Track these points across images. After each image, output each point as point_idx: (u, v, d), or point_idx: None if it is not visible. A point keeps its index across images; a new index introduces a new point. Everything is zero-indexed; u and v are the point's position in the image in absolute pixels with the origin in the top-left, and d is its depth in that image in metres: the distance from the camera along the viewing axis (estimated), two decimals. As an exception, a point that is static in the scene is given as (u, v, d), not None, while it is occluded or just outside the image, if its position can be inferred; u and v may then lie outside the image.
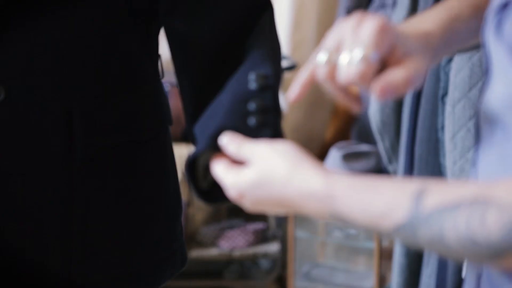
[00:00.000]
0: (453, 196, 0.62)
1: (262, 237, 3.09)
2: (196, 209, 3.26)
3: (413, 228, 0.63)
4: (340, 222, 0.70)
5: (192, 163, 0.84)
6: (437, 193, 0.63)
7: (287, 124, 3.46)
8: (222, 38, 0.99)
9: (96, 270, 1.08)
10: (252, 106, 0.84)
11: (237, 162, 0.79)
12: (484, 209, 0.60)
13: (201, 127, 0.88)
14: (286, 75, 3.26)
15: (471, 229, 0.60)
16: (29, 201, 1.05)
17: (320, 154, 3.26)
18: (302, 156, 0.74)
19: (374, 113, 2.56)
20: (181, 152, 3.12)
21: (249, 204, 0.77)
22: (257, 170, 0.75)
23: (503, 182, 0.61)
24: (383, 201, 0.65)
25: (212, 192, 0.86)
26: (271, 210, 0.78)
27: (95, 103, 1.05)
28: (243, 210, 0.79)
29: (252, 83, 0.85)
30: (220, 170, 0.79)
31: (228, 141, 0.79)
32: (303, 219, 2.85)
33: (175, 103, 3.25)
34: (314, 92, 3.74)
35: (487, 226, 0.60)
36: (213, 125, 0.83)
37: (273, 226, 3.19)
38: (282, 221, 3.11)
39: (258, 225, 3.14)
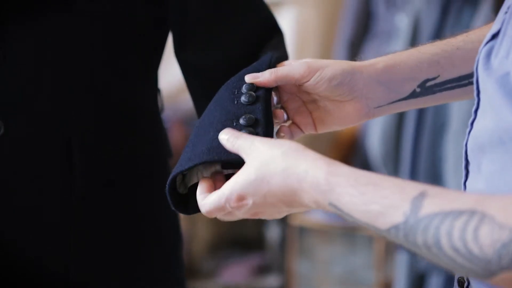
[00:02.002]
0: (452, 203, 0.62)
1: (262, 269, 3.07)
2: (197, 241, 3.25)
3: (409, 229, 0.63)
4: (337, 214, 0.69)
5: (174, 180, 0.83)
6: (437, 198, 0.63)
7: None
8: (234, 65, 0.99)
9: None
10: (242, 121, 0.83)
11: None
12: (479, 222, 0.60)
13: (192, 145, 0.86)
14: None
15: (464, 239, 0.60)
16: (28, 235, 1.04)
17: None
18: (303, 148, 0.73)
19: (375, 145, 2.57)
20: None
21: (251, 205, 0.75)
22: (255, 164, 0.74)
23: (501, 198, 0.61)
24: (382, 199, 0.65)
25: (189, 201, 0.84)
26: (272, 209, 0.76)
27: (94, 136, 1.05)
28: (243, 242, 0.78)
29: (243, 96, 0.86)
30: (205, 193, 0.79)
31: (226, 137, 0.79)
32: (304, 251, 2.84)
33: (176, 136, 3.26)
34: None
35: (480, 240, 0.60)
36: (205, 141, 0.82)
37: (273, 258, 3.18)
38: (282, 252, 3.10)
39: (258, 257, 3.13)
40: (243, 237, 3.54)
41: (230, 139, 0.79)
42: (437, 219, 0.62)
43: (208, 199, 0.78)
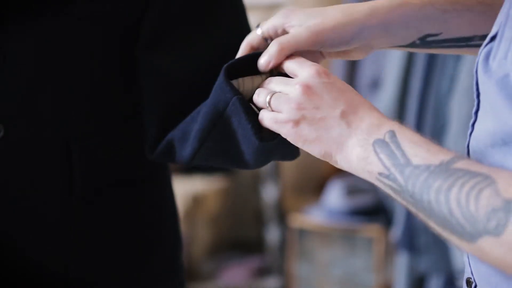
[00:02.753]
0: (476, 165, 0.67)
1: (262, 272, 3.07)
2: (196, 243, 3.25)
3: (437, 172, 0.68)
4: (385, 150, 0.73)
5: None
6: (467, 160, 0.68)
7: (287, 166, 3.45)
8: (199, 75, 0.98)
9: None
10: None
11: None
12: (486, 185, 0.65)
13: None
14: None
15: (469, 195, 0.65)
16: (28, 236, 1.04)
17: (319, 187, 3.26)
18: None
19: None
20: (183, 186, 3.12)
21: (308, 105, 0.77)
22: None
23: (507, 171, 0.65)
24: (432, 147, 0.71)
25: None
26: (323, 124, 0.77)
27: (94, 138, 1.05)
28: (243, 244, 0.79)
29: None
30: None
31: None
32: (303, 253, 2.83)
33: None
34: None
35: (479, 200, 0.64)
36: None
37: (273, 261, 3.18)
38: (282, 254, 3.10)
39: (258, 259, 3.13)
40: (243, 239, 3.54)
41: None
42: (461, 173, 0.67)
43: (291, 61, 0.84)
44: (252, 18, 1.10)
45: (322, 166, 3.43)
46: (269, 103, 0.82)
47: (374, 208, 2.82)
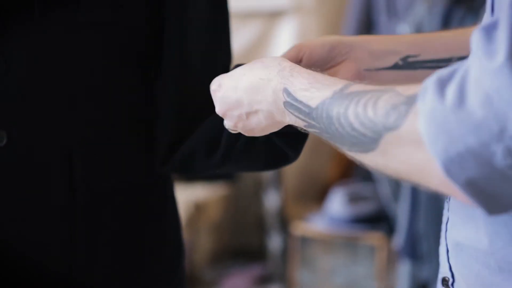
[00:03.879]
0: (371, 87, 0.69)
1: (264, 279, 3.07)
2: (198, 250, 3.24)
3: (332, 103, 0.71)
4: (286, 103, 0.78)
5: None
6: (360, 85, 0.71)
7: (291, 166, 3.45)
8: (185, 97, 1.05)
9: None
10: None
11: None
12: (384, 93, 0.66)
13: None
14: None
15: (366, 105, 0.67)
16: (30, 245, 1.04)
17: (321, 194, 3.26)
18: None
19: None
20: (185, 194, 3.12)
21: (223, 92, 0.87)
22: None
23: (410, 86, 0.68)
24: (326, 80, 0.75)
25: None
26: (243, 103, 0.84)
27: (95, 146, 1.05)
28: (245, 251, 0.81)
29: None
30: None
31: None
32: (305, 261, 2.83)
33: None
34: (315, 139, 3.77)
35: (377, 105, 0.66)
36: None
37: (275, 268, 3.17)
38: (284, 262, 3.09)
39: (260, 267, 3.12)
40: (245, 247, 3.54)
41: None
42: (357, 95, 0.69)
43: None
44: (254, 25, 1.12)
45: (324, 174, 3.44)
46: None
47: (376, 216, 2.82)
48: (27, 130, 1.00)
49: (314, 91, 0.74)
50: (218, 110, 0.88)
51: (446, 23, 2.26)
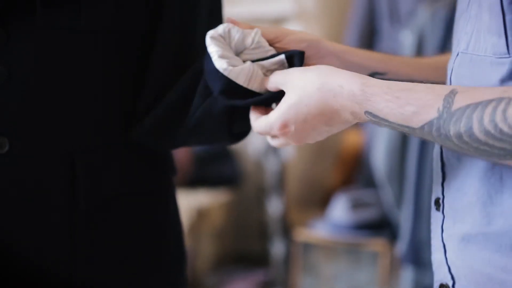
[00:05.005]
0: (481, 95, 0.66)
1: (266, 285, 3.06)
2: (201, 256, 3.24)
3: (442, 123, 0.68)
4: (373, 121, 0.75)
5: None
6: (467, 93, 0.67)
7: (293, 172, 3.46)
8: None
9: None
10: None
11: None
12: (506, 105, 0.65)
13: None
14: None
15: (494, 121, 0.65)
16: (31, 251, 1.04)
17: (324, 200, 3.25)
18: (336, 68, 0.78)
19: (380, 161, 2.56)
20: (187, 199, 3.12)
21: (294, 131, 0.81)
22: (292, 91, 0.80)
23: None
24: (417, 101, 0.70)
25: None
26: (314, 132, 0.81)
27: (97, 152, 1.05)
28: (248, 257, 0.81)
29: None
30: (257, 115, 0.87)
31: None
32: (308, 267, 2.83)
33: (180, 153, 3.26)
34: (318, 144, 3.77)
35: (508, 119, 0.64)
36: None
37: (277, 274, 3.17)
38: (287, 268, 3.09)
39: (262, 273, 3.12)
40: (247, 253, 3.53)
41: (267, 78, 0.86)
42: (469, 110, 0.67)
43: (258, 122, 0.86)
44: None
45: (327, 180, 3.43)
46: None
47: (379, 222, 2.81)
48: (29, 136, 1.00)
49: (409, 110, 0.71)
50: (292, 142, 0.85)
51: (448, 29, 2.26)
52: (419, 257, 2.21)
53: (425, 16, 2.37)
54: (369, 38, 2.98)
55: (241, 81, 0.88)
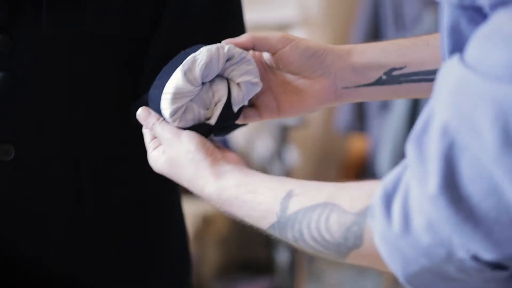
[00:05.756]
0: (311, 199, 0.70)
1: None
2: (206, 264, 3.24)
3: (282, 227, 0.73)
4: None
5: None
6: (301, 196, 0.72)
7: (298, 174, 3.45)
8: None
9: None
10: None
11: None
12: (330, 212, 0.68)
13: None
14: (297, 131, 3.27)
15: (318, 228, 0.68)
16: (37, 258, 1.04)
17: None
18: (201, 156, 0.83)
19: (385, 169, 2.56)
20: (192, 206, 3.11)
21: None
22: (168, 157, 0.86)
23: (349, 187, 0.69)
24: (259, 205, 0.75)
25: None
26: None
27: (103, 158, 1.05)
28: (253, 265, 0.84)
29: None
30: (149, 140, 0.91)
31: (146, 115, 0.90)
32: (313, 275, 2.82)
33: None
34: (323, 150, 3.77)
35: (330, 227, 0.67)
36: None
37: (282, 282, 3.16)
38: (292, 276, 3.08)
39: (267, 281, 3.11)
40: (252, 261, 3.53)
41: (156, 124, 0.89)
42: (300, 215, 0.71)
43: (150, 154, 0.91)
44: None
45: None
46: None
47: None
48: (34, 143, 1.00)
49: (255, 214, 0.76)
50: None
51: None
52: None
53: (430, 21, 2.37)
54: (374, 45, 2.98)
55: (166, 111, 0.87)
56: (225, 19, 1.05)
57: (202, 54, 0.85)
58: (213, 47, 0.86)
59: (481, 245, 0.55)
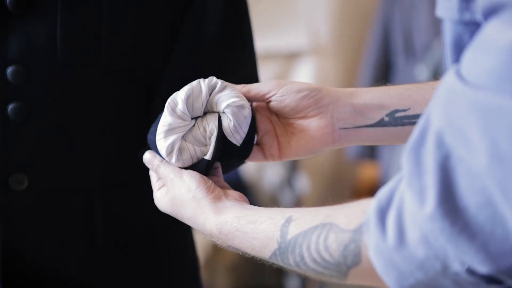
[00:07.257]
0: (310, 221, 0.71)
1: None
2: (216, 291, 3.22)
3: (283, 253, 0.73)
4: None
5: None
6: (299, 220, 0.72)
7: (308, 201, 3.44)
8: None
9: None
10: None
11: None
12: (327, 232, 0.68)
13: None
14: (307, 159, 3.26)
15: (318, 249, 0.69)
16: (52, 285, 1.04)
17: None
18: (202, 194, 0.85)
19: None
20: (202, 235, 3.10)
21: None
22: (171, 197, 0.88)
23: (346, 207, 0.69)
24: (260, 234, 0.76)
25: None
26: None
27: (114, 188, 1.05)
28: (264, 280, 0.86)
29: None
30: (154, 181, 0.93)
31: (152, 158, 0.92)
32: (325, 283, 2.80)
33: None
34: (333, 178, 3.76)
35: (329, 247, 0.68)
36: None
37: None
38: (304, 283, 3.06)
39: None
40: (262, 287, 3.51)
41: (159, 164, 0.91)
42: (300, 238, 0.71)
43: (154, 194, 0.93)
44: (273, 66, 1.12)
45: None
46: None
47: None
48: (47, 173, 1.01)
49: (257, 244, 0.77)
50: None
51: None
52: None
53: (440, 50, 2.37)
54: (384, 73, 2.99)
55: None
56: (236, 49, 1.06)
57: (183, 88, 0.89)
58: (194, 81, 0.89)
59: (476, 258, 0.55)
